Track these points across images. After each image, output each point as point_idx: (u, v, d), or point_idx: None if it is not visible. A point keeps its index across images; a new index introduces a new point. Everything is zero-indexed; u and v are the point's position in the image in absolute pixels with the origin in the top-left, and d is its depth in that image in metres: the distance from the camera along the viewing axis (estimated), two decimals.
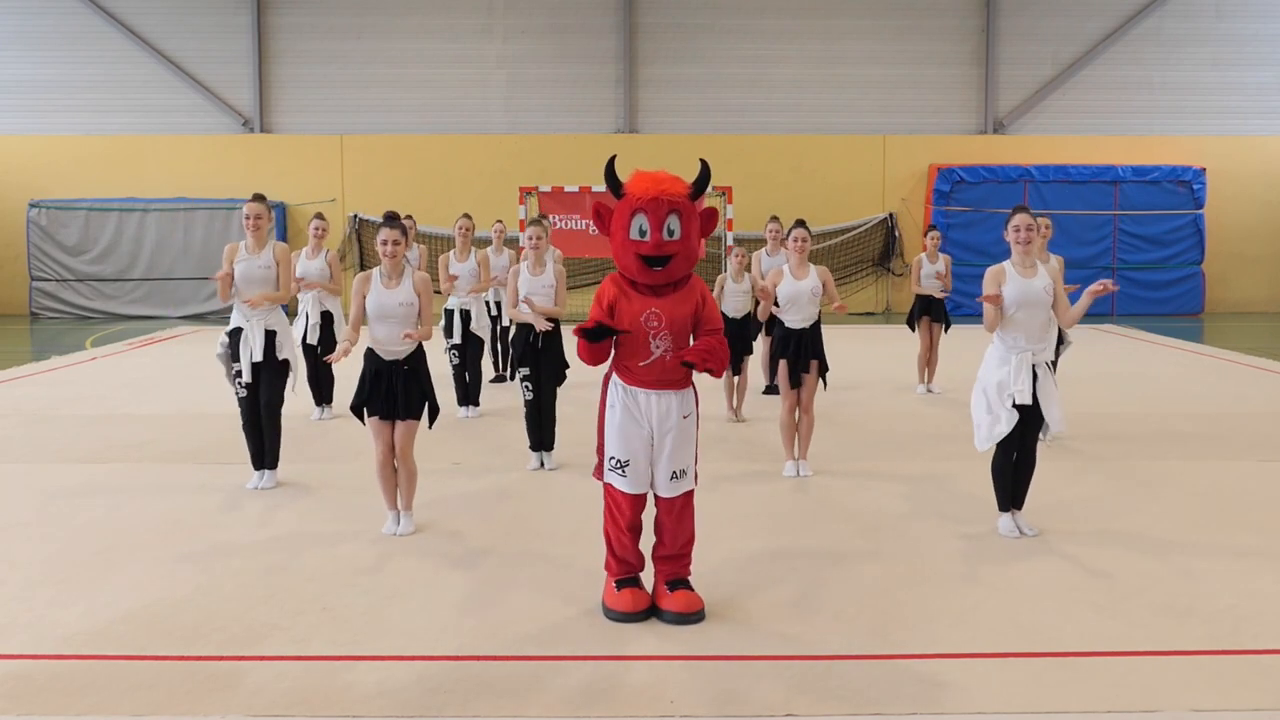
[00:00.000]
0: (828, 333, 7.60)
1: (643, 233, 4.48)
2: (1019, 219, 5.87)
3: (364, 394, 5.88)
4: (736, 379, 9.46)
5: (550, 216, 17.22)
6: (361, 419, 5.99)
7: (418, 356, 5.93)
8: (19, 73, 20.35)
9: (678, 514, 4.72)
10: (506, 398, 10.60)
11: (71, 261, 19.84)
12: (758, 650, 4.31)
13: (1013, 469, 5.92)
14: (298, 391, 7.48)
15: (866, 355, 14.03)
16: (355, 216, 20.12)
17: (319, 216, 9.71)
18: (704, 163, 4.71)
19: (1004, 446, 5.85)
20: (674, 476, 4.66)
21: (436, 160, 20.24)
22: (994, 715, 3.77)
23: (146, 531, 6.03)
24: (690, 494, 4.75)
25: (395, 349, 5.85)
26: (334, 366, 8.76)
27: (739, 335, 9.20)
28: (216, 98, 20.56)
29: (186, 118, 20.55)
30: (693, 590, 4.72)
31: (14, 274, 20.05)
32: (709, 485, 6.60)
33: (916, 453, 8.15)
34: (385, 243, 5.79)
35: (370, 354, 5.90)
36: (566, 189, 18.41)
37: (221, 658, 4.24)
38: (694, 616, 4.62)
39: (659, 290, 4.59)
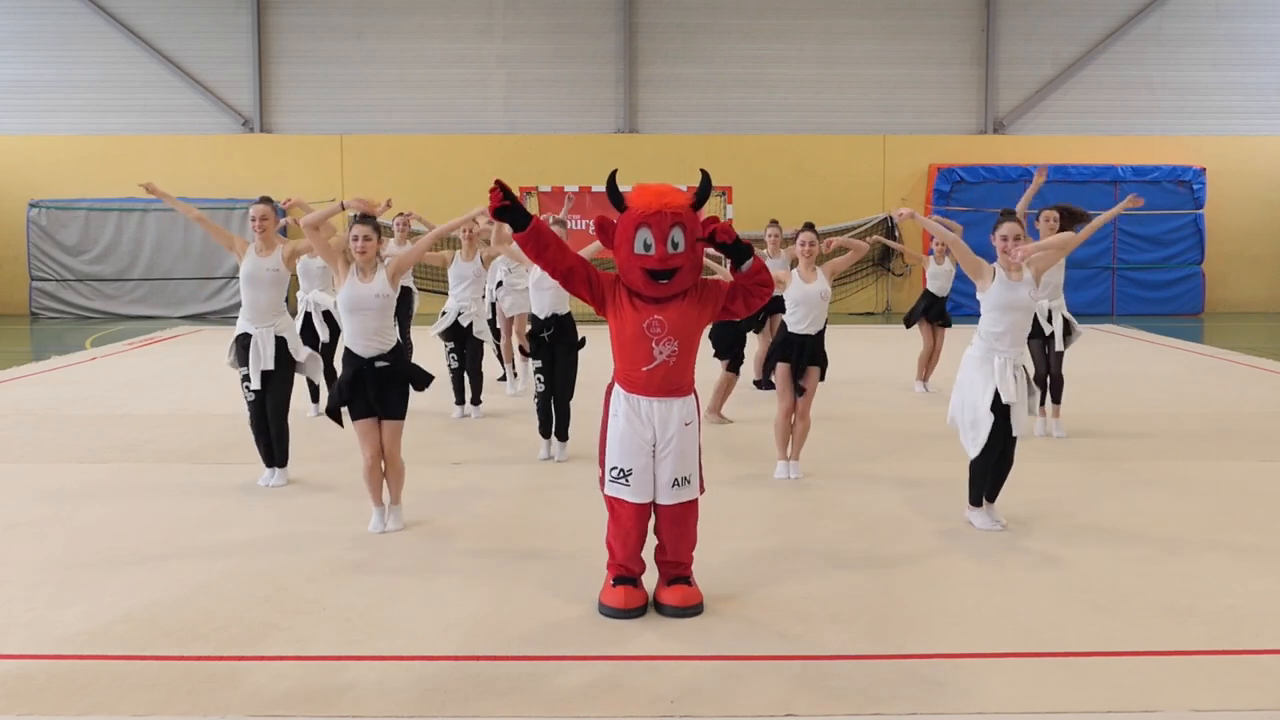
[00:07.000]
0: (829, 332, 7.58)
1: (647, 246, 4.50)
2: (1006, 228, 5.93)
3: (340, 397, 5.86)
4: (730, 379, 9.44)
5: (550, 216, 17.21)
6: (338, 421, 6.00)
7: (397, 353, 5.86)
8: (19, 73, 20.33)
9: (680, 522, 4.72)
10: (505, 397, 10.63)
11: (71, 261, 19.82)
12: (758, 650, 4.31)
13: (994, 467, 5.95)
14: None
15: (866, 355, 14.03)
16: (356, 217, 20.10)
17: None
18: (704, 173, 4.73)
19: (987, 446, 5.86)
20: (676, 484, 4.67)
21: (436, 160, 20.23)
22: (994, 715, 3.77)
23: (146, 531, 6.03)
24: (694, 503, 4.75)
25: (371, 344, 5.82)
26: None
27: (735, 337, 9.20)
28: (216, 98, 20.55)
29: (186, 118, 20.54)
30: (691, 585, 4.74)
31: (14, 274, 20.03)
32: (707, 485, 6.58)
33: (916, 453, 8.15)
34: (356, 239, 5.89)
35: (348, 356, 5.87)
36: (566, 189, 18.39)
37: (221, 658, 4.24)
38: (692, 609, 4.64)
39: (663, 300, 4.61)
